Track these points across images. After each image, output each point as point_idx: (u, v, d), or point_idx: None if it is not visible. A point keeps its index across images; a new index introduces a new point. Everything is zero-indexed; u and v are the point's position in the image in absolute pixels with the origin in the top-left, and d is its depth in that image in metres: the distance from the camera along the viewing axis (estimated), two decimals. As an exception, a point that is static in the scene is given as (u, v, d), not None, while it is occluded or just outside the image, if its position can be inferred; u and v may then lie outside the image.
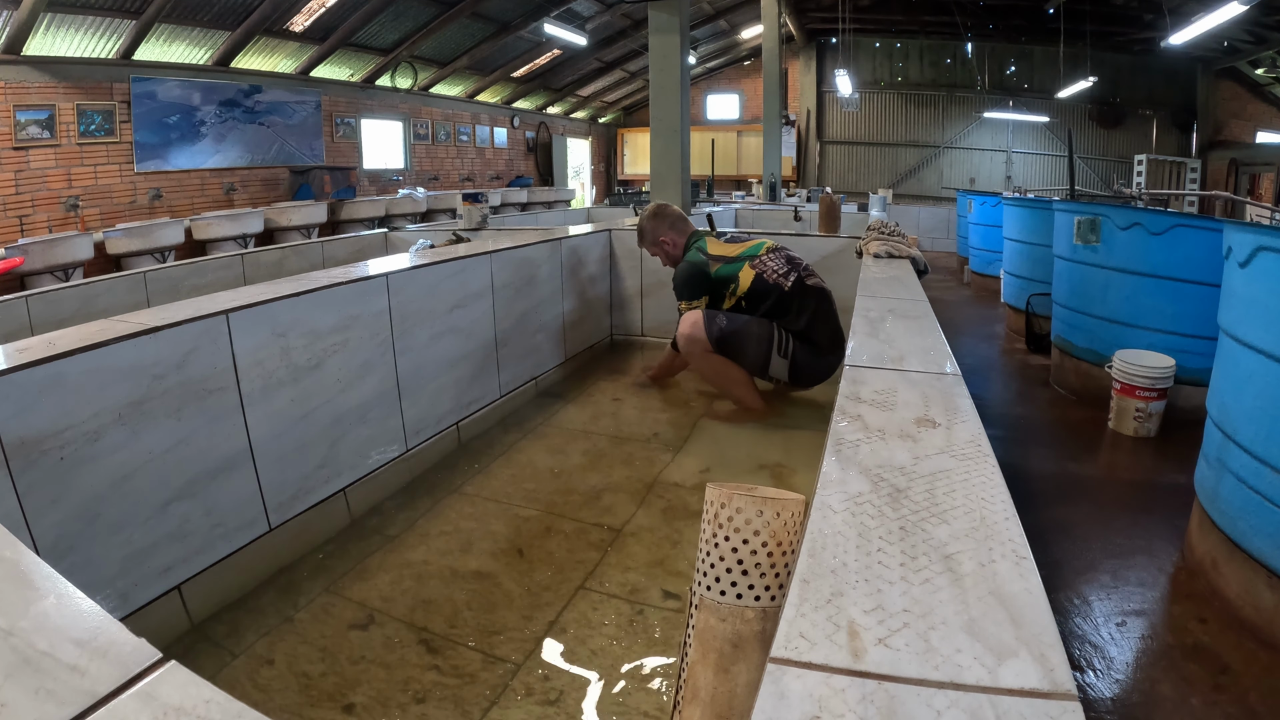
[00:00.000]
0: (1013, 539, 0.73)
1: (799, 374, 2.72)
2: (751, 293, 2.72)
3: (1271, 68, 11.11)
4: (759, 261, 2.75)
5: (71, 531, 1.35)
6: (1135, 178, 11.71)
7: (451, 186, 11.47)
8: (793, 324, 2.70)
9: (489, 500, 2.19)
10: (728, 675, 0.87)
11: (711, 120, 16.21)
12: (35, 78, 6.17)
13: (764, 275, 2.71)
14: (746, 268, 2.74)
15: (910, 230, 8.05)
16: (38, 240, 5.48)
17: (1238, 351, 1.82)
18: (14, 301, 2.66)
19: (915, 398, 1.18)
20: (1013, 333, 4.90)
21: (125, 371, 1.46)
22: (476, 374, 2.73)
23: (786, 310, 2.70)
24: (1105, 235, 3.17)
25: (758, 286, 2.71)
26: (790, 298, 2.70)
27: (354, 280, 2.10)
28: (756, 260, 2.75)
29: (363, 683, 1.39)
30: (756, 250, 2.80)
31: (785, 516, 0.88)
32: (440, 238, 3.87)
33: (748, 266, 2.74)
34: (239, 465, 1.71)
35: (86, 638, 0.53)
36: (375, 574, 1.78)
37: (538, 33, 10.45)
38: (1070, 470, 2.65)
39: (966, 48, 13.41)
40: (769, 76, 9.87)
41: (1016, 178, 14.24)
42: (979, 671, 0.54)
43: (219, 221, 6.79)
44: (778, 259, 2.77)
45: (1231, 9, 6.26)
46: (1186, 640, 1.65)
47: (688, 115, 5.08)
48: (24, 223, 6.18)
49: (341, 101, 9.50)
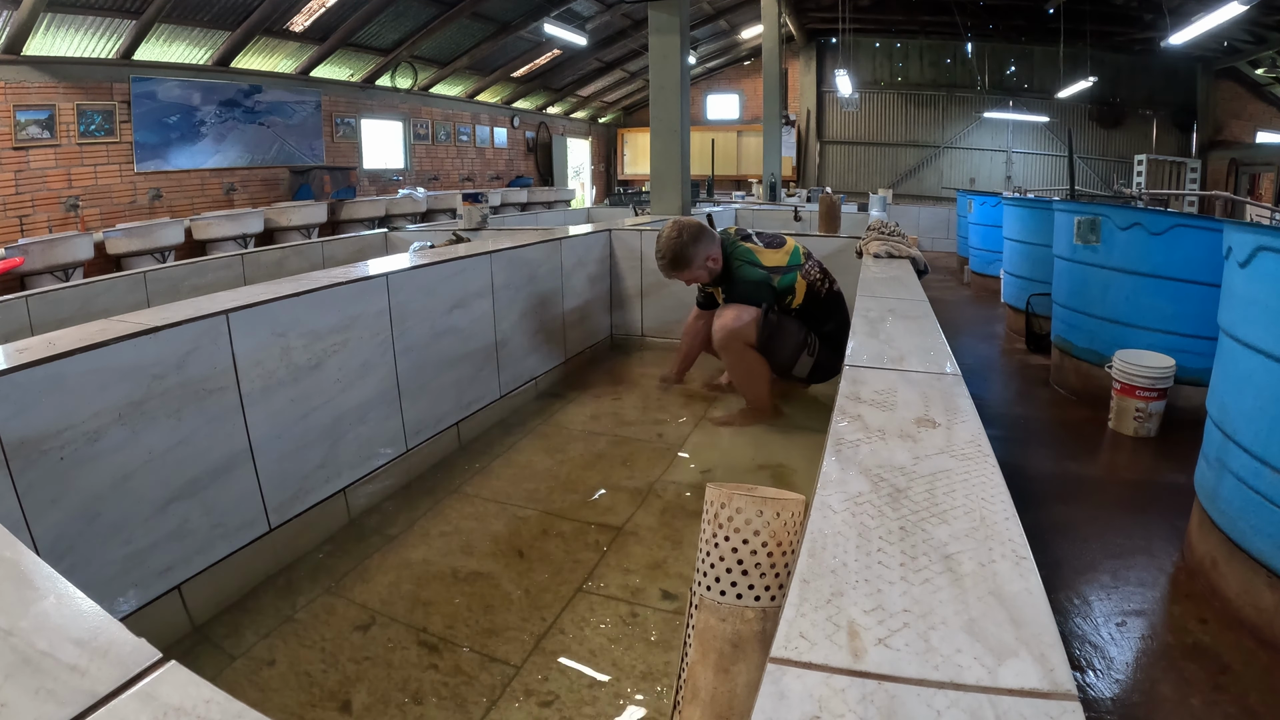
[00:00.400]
0: (1013, 539, 0.73)
1: (818, 372, 2.76)
2: (806, 301, 2.72)
3: (1271, 68, 11.11)
4: (805, 270, 2.73)
5: (71, 531, 1.35)
6: (1135, 178, 11.71)
7: (451, 186, 11.48)
8: (821, 326, 2.73)
9: (489, 501, 2.19)
10: (728, 675, 0.87)
11: (711, 120, 16.22)
12: (35, 78, 6.17)
13: (813, 286, 2.72)
14: (799, 277, 2.71)
15: (910, 230, 8.05)
16: (38, 240, 5.49)
17: (1238, 351, 1.82)
18: (14, 301, 2.66)
19: (915, 398, 1.18)
20: (1013, 333, 4.90)
21: (125, 371, 1.46)
22: (476, 374, 2.73)
23: (822, 316, 2.73)
24: (1105, 235, 3.17)
25: (811, 296, 2.72)
26: (826, 303, 2.74)
27: (354, 280, 2.10)
28: (803, 269, 2.73)
29: (363, 683, 1.39)
30: (799, 259, 2.76)
31: (785, 516, 0.88)
32: (440, 238, 3.88)
33: (800, 276, 2.71)
34: (239, 465, 1.71)
35: (86, 638, 0.53)
36: (375, 575, 1.78)
37: (538, 33, 10.45)
38: (1070, 470, 2.65)
39: (966, 48, 13.41)
40: (769, 76, 9.88)
41: (1016, 178, 14.24)
42: (979, 671, 0.54)
43: (219, 221, 6.79)
44: (815, 267, 2.78)
45: (1231, 9, 6.27)
46: (1186, 640, 1.65)
47: (688, 115, 5.09)
48: (24, 223, 6.18)
49: (341, 101, 9.50)
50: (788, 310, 2.71)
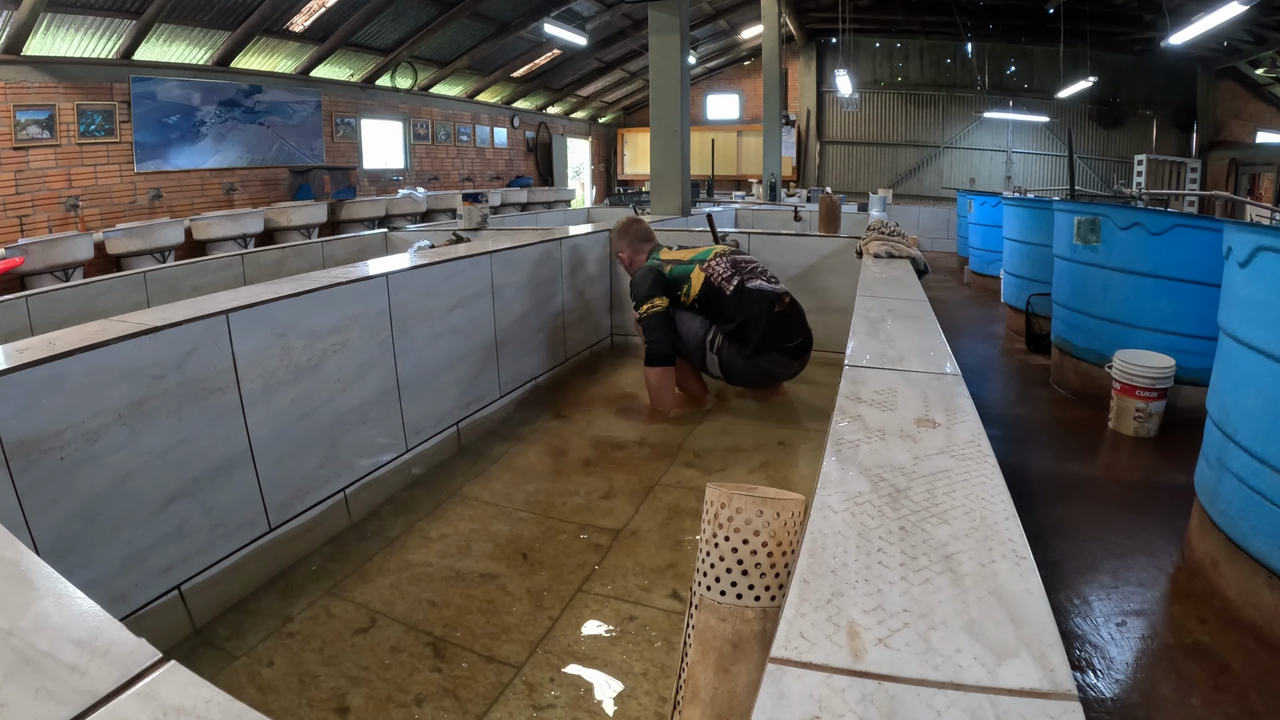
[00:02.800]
0: (1013, 539, 0.73)
1: (730, 373, 2.82)
2: (702, 295, 2.82)
3: (1271, 68, 11.11)
4: (708, 265, 2.84)
5: (71, 531, 1.35)
6: (1135, 178, 11.70)
7: (451, 186, 11.47)
8: (725, 326, 2.78)
9: (489, 502, 2.19)
10: (728, 675, 0.87)
11: (711, 120, 16.21)
12: (35, 78, 6.17)
13: (711, 279, 2.80)
14: (698, 270, 2.83)
15: (910, 230, 8.04)
16: (38, 240, 5.48)
17: (1238, 351, 1.82)
18: (14, 301, 2.66)
19: (915, 398, 1.18)
20: (1013, 333, 4.90)
21: (125, 372, 1.46)
22: (476, 374, 2.73)
23: (722, 312, 2.79)
24: (1105, 235, 3.17)
25: (707, 289, 2.81)
26: (729, 301, 2.78)
27: (354, 280, 2.10)
28: (706, 264, 2.84)
29: (363, 684, 1.39)
30: (706, 255, 2.89)
31: (785, 516, 0.88)
32: (440, 238, 3.87)
33: (699, 269, 2.83)
34: (239, 465, 1.71)
35: (86, 638, 0.53)
36: (375, 576, 1.78)
37: (538, 33, 10.45)
38: (1070, 470, 2.65)
39: (966, 48, 13.41)
40: (769, 76, 9.88)
41: (1016, 178, 14.23)
42: (979, 671, 0.54)
43: (219, 221, 6.79)
44: (723, 263, 2.85)
45: (1231, 9, 6.26)
46: (1186, 640, 1.65)
47: (688, 115, 5.09)
48: (24, 223, 6.18)
49: (341, 101, 9.50)
50: (680, 303, 2.84)
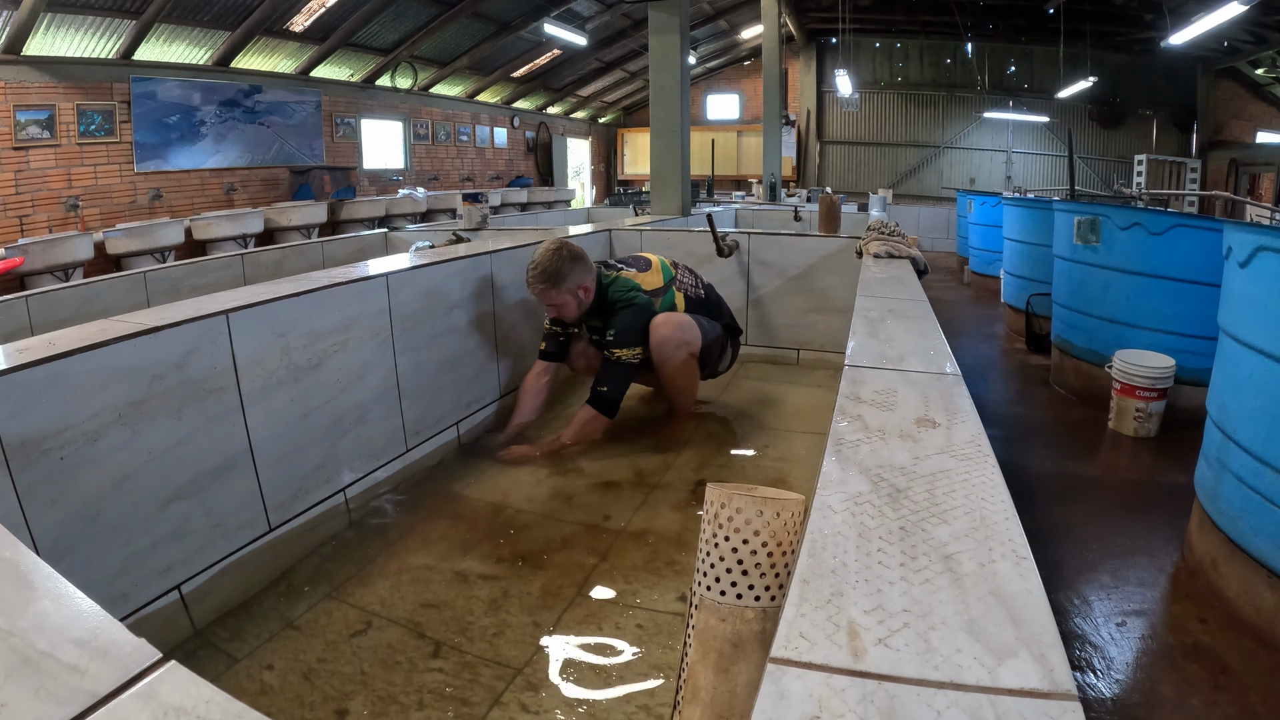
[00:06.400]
0: (1013, 539, 0.73)
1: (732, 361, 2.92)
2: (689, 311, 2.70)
3: (1271, 68, 11.11)
4: (679, 282, 2.72)
5: (71, 531, 1.35)
6: (1135, 178, 11.71)
7: (451, 186, 11.48)
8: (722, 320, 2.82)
9: (489, 502, 2.19)
10: (728, 675, 0.87)
11: (711, 120, 16.22)
12: (35, 78, 6.17)
13: (689, 295, 2.72)
14: (675, 291, 2.69)
15: (910, 230, 8.04)
16: (38, 240, 5.49)
17: (1238, 351, 1.82)
18: (14, 301, 2.66)
19: (915, 398, 1.17)
20: (1013, 333, 4.90)
21: (125, 372, 1.46)
22: (476, 374, 2.72)
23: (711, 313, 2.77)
24: (1105, 235, 3.17)
25: (690, 304, 2.70)
26: (709, 303, 2.78)
27: (354, 280, 2.10)
28: (677, 281, 2.72)
29: (363, 685, 1.39)
30: (670, 273, 2.72)
31: (785, 516, 0.88)
32: (440, 238, 3.87)
33: (675, 290, 2.69)
34: (239, 465, 1.71)
35: (86, 638, 0.53)
36: (375, 577, 1.78)
37: (538, 33, 10.46)
38: (1070, 470, 2.65)
39: (966, 48, 13.42)
40: (769, 76, 9.87)
41: (1016, 178, 14.24)
42: (979, 671, 0.53)
43: (219, 221, 6.79)
44: (685, 273, 2.79)
45: (1231, 9, 6.27)
46: (1186, 640, 1.65)
47: (688, 115, 5.09)
48: (24, 223, 6.18)
49: (341, 101, 9.51)
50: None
